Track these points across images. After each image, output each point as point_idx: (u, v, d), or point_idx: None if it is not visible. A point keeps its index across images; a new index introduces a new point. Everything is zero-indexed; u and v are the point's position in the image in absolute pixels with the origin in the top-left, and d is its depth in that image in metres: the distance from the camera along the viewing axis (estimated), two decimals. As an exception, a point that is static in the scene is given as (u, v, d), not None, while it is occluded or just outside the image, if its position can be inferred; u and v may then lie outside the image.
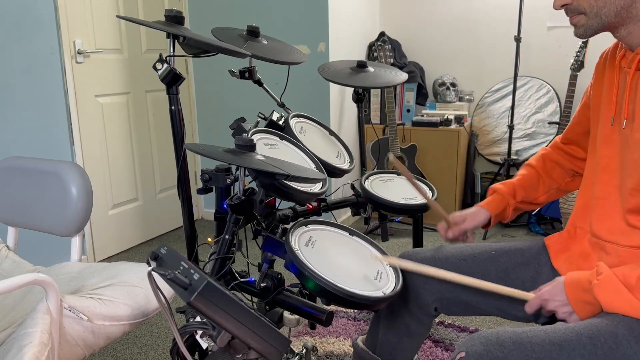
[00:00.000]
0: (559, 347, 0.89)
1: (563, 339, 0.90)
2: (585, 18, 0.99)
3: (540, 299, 1.03)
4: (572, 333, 0.91)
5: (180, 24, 1.29)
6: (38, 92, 2.44)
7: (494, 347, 0.89)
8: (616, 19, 0.97)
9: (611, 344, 0.88)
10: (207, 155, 1.02)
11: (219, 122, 3.38)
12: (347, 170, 1.45)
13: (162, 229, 3.30)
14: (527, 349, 0.89)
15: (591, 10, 0.97)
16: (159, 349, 2.01)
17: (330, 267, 1.06)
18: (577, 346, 0.89)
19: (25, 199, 1.50)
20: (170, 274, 0.82)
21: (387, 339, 1.33)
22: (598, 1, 0.96)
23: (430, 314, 1.27)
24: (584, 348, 0.88)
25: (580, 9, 0.99)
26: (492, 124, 3.44)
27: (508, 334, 0.92)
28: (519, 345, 0.89)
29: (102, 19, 2.76)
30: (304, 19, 3.00)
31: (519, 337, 0.91)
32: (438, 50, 3.56)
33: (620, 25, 0.98)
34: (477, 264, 1.22)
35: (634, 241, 1.01)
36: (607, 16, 0.97)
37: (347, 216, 3.30)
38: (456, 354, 0.92)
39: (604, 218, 1.07)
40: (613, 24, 0.98)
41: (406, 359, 1.35)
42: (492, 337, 0.91)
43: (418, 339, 1.34)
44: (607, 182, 1.08)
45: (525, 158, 3.25)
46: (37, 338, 0.98)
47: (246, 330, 0.88)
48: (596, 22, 0.98)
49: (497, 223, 1.42)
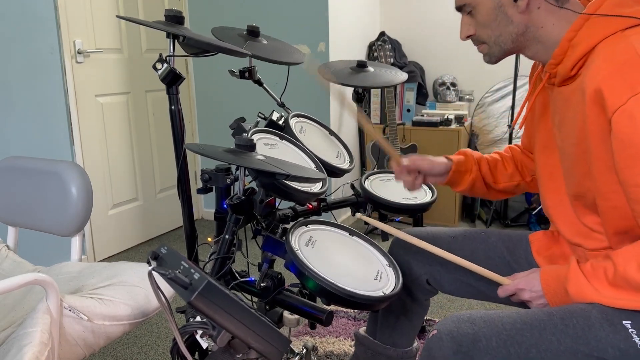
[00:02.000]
0: (530, 325, 0.92)
1: (534, 318, 0.93)
2: (487, 47, 1.07)
3: (515, 287, 1.06)
4: (544, 314, 0.94)
5: (180, 23, 1.29)
6: (38, 92, 2.44)
7: (464, 324, 0.93)
8: (515, 44, 1.04)
9: (583, 325, 0.90)
10: (207, 155, 1.02)
11: (219, 122, 3.38)
12: (347, 170, 1.45)
13: (162, 229, 3.30)
14: (497, 326, 0.92)
15: (490, 40, 1.06)
16: (159, 349, 2.01)
17: (330, 266, 1.06)
18: (548, 325, 0.91)
19: (25, 199, 1.50)
20: (171, 273, 0.82)
21: (385, 321, 1.37)
22: (494, 31, 1.04)
23: (423, 288, 1.31)
24: (555, 327, 0.90)
25: (481, 39, 1.07)
26: (492, 124, 3.44)
27: (480, 313, 0.96)
28: (489, 322, 0.93)
29: (102, 18, 2.76)
30: (304, 19, 3.00)
31: (490, 316, 0.95)
32: (438, 50, 3.56)
33: (523, 48, 1.06)
34: (467, 242, 1.27)
35: (595, 244, 1.04)
36: (505, 44, 1.05)
37: (347, 216, 3.30)
38: (430, 332, 0.96)
39: (565, 223, 1.10)
40: (515, 48, 1.06)
41: (405, 342, 1.38)
42: (464, 316, 0.96)
43: (415, 320, 1.38)
44: (554, 190, 1.12)
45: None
46: (37, 338, 0.98)
47: (246, 330, 0.88)
48: (497, 49, 1.06)
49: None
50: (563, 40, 0.97)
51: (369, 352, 1.39)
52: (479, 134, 3.47)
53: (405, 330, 1.37)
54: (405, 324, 1.36)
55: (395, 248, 1.35)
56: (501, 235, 1.28)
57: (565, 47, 0.97)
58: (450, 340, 0.92)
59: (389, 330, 1.37)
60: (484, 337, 0.91)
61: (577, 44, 0.95)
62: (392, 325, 1.37)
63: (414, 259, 1.30)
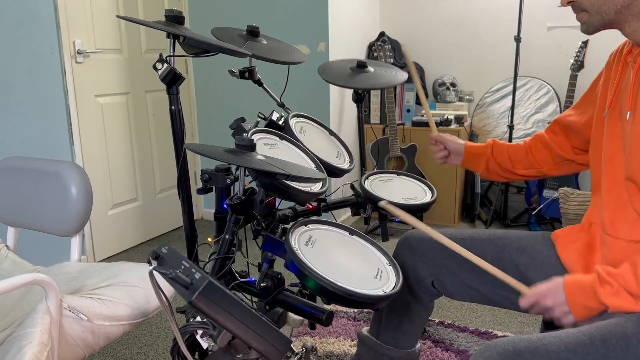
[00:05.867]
0: (574, 352, 0.90)
1: (577, 344, 0.91)
2: (587, 15, 1.04)
3: (536, 296, 1.04)
4: (584, 336, 0.92)
5: (180, 24, 1.29)
6: (38, 92, 2.44)
7: (511, 358, 0.89)
8: (617, 16, 1.01)
9: (622, 344, 0.90)
10: (207, 155, 1.02)
11: (219, 122, 3.38)
12: (347, 170, 1.45)
13: (162, 229, 3.30)
14: (543, 357, 0.89)
15: (592, 8, 1.02)
16: (159, 349, 2.01)
17: (330, 266, 1.06)
18: (590, 350, 0.90)
19: (25, 199, 1.50)
20: (172, 273, 0.82)
21: (388, 321, 1.37)
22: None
23: (428, 290, 1.31)
24: (597, 351, 0.90)
25: (582, 7, 1.04)
26: (492, 124, 3.43)
27: (524, 342, 0.91)
28: (535, 354, 0.89)
29: (102, 19, 2.76)
30: (304, 19, 3.00)
31: (535, 345, 0.91)
32: (438, 50, 3.56)
33: (623, 22, 1.02)
34: (475, 243, 1.27)
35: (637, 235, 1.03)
36: (607, 14, 1.01)
37: (347, 216, 3.30)
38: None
39: (613, 208, 1.08)
40: (615, 21, 1.02)
41: (408, 343, 1.38)
42: (509, 347, 0.90)
43: (418, 322, 1.37)
44: (611, 175, 1.09)
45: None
46: (37, 338, 0.98)
47: (247, 330, 0.88)
48: (597, 19, 1.03)
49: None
50: None
51: (371, 352, 1.38)
52: (478, 134, 3.47)
53: (408, 331, 1.37)
54: (408, 325, 1.36)
55: (401, 249, 1.35)
56: (509, 236, 1.27)
57: None
58: None
59: (392, 331, 1.37)
60: None
61: None
62: (396, 326, 1.36)
63: (420, 261, 1.29)
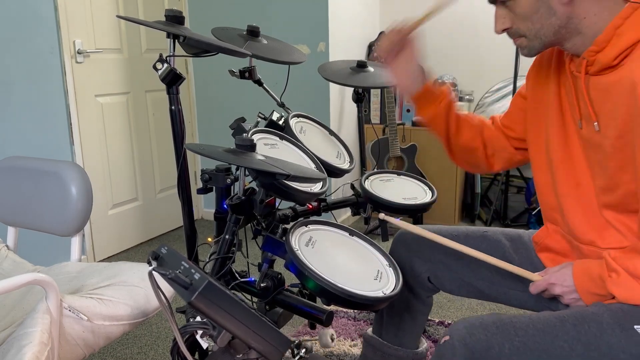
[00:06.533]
0: (542, 331, 0.91)
1: (547, 324, 0.92)
2: (526, 40, 1.03)
3: (547, 282, 1.04)
4: (556, 319, 0.93)
5: (180, 23, 1.29)
6: (38, 92, 2.44)
7: (477, 330, 0.92)
8: (556, 37, 1.00)
9: (595, 331, 0.90)
10: (207, 155, 1.02)
11: (219, 122, 3.38)
12: (347, 170, 1.45)
13: (162, 229, 3.30)
14: (510, 332, 0.92)
15: (530, 33, 1.01)
16: (159, 349, 2.01)
17: (331, 267, 1.06)
18: (560, 332, 0.91)
19: (25, 199, 1.50)
20: (171, 273, 0.82)
21: (390, 320, 1.38)
22: (535, 24, 0.99)
23: (425, 286, 1.32)
24: (567, 334, 0.90)
25: (520, 33, 1.02)
26: (492, 124, 3.44)
27: (492, 318, 0.95)
28: (502, 329, 0.92)
29: (102, 18, 2.76)
30: (304, 19, 3.00)
31: (502, 321, 0.93)
32: (438, 50, 3.56)
33: (563, 40, 1.01)
34: (468, 239, 1.26)
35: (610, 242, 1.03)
36: (546, 37, 1.00)
37: (347, 216, 3.30)
38: (442, 338, 0.96)
39: (578, 214, 1.07)
40: (555, 41, 1.01)
41: (412, 342, 1.40)
42: (476, 322, 0.94)
43: (419, 319, 1.39)
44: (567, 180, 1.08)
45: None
46: (37, 338, 0.98)
47: (247, 330, 0.88)
48: (537, 43, 1.02)
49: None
50: (609, 28, 0.93)
51: (378, 353, 1.39)
52: (478, 134, 3.47)
53: (410, 329, 1.38)
54: (409, 322, 1.37)
55: (396, 246, 1.36)
56: (503, 234, 1.28)
57: (610, 35, 0.93)
58: (463, 347, 0.92)
59: (394, 330, 1.38)
60: (496, 344, 0.90)
61: (624, 33, 0.92)
62: (397, 324, 1.37)
63: (416, 257, 1.30)
